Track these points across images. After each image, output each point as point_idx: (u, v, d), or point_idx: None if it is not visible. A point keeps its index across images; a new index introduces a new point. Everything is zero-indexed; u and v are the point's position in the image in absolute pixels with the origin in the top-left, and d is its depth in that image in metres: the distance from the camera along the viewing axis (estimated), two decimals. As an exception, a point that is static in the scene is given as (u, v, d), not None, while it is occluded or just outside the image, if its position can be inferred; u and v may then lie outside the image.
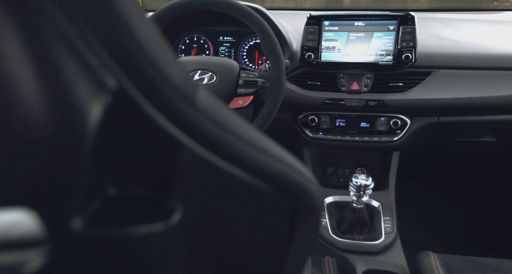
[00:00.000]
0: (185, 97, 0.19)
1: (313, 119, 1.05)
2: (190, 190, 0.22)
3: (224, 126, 0.21)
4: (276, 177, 0.24)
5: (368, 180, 0.87)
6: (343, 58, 1.00)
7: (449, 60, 1.00)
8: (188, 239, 0.23)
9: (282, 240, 0.26)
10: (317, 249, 0.91)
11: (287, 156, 0.26)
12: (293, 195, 0.25)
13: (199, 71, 0.86)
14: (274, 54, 0.84)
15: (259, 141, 0.24)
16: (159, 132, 0.19)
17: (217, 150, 0.21)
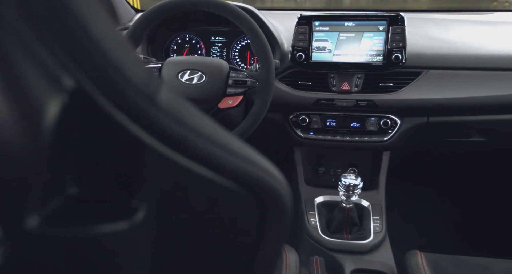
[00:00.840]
0: (146, 96, 0.20)
1: (304, 119, 1.05)
2: (156, 189, 0.22)
3: (188, 125, 0.21)
4: (245, 177, 0.24)
5: (357, 180, 0.87)
6: (334, 58, 1.01)
7: (439, 60, 1.01)
8: (154, 238, 0.23)
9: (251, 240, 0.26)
10: (306, 248, 0.91)
11: (256, 157, 0.26)
12: (262, 195, 0.25)
13: (189, 71, 0.86)
14: (263, 54, 0.85)
15: (227, 141, 0.24)
16: (121, 131, 0.19)
17: (182, 149, 0.21)
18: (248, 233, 0.26)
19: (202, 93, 0.85)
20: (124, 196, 0.21)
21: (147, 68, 0.22)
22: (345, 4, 10.36)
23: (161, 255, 0.24)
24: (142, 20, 0.85)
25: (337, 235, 0.91)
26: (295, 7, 7.51)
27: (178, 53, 1.20)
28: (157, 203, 0.22)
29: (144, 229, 0.22)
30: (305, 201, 1.01)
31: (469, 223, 1.42)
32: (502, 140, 1.06)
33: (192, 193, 0.23)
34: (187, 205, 0.23)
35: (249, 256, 0.27)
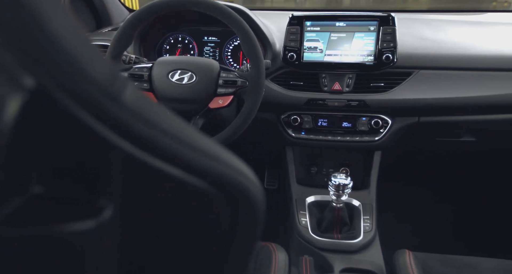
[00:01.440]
0: (110, 95, 0.20)
1: (295, 119, 1.06)
2: (123, 188, 0.22)
3: (154, 124, 0.21)
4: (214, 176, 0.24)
5: (347, 180, 0.88)
6: (325, 58, 1.01)
7: (429, 60, 1.01)
8: (122, 237, 0.23)
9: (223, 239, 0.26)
10: (297, 248, 0.91)
11: (227, 156, 0.26)
12: (233, 194, 0.25)
13: (179, 71, 0.86)
14: (253, 54, 0.85)
15: (195, 140, 0.24)
16: (84, 130, 0.19)
17: (148, 148, 0.21)
18: (220, 232, 0.26)
19: (192, 93, 0.85)
20: (90, 195, 0.21)
21: (112, 68, 0.22)
22: (345, 4, 10.35)
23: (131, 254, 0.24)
24: (132, 20, 0.86)
25: (327, 234, 0.91)
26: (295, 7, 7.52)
27: (171, 53, 1.20)
28: (124, 202, 0.22)
29: (111, 228, 0.22)
30: (296, 201, 1.02)
31: (462, 222, 1.43)
32: (493, 140, 1.07)
33: (161, 192, 0.23)
34: (156, 203, 0.24)
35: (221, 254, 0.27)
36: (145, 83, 0.87)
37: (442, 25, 1.17)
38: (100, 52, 0.21)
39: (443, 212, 1.45)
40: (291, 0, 10.19)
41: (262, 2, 8.97)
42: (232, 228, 0.26)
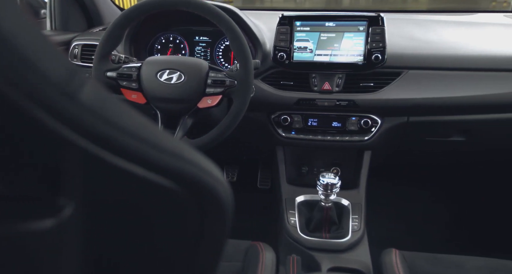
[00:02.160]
0: (66, 93, 0.20)
1: (285, 119, 1.06)
2: (83, 186, 0.22)
3: (113, 122, 0.22)
4: (179, 175, 0.24)
5: (335, 179, 0.88)
6: (315, 58, 1.02)
7: (418, 60, 1.02)
8: (84, 236, 0.23)
9: (191, 238, 0.27)
10: (286, 247, 0.92)
11: (194, 156, 0.26)
12: (199, 194, 0.26)
13: (168, 71, 0.86)
14: (241, 54, 0.85)
15: (159, 139, 0.24)
16: (41, 129, 0.20)
17: (108, 146, 0.21)
18: (188, 231, 0.27)
19: (181, 92, 0.85)
20: (50, 194, 0.21)
21: (71, 66, 0.22)
22: (345, 4, 10.36)
23: (94, 253, 0.24)
24: (121, 19, 0.86)
25: (316, 234, 0.92)
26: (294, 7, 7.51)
27: (162, 53, 1.20)
28: (86, 201, 0.22)
29: (72, 227, 0.22)
30: (286, 201, 1.02)
31: (455, 222, 1.43)
32: (482, 139, 1.08)
33: (123, 190, 0.23)
34: (119, 202, 0.24)
35: (189, 253, 0.27)
36: (134, 83, 0.87)
37: (433, 25, 1.17)
38: (58, 50, 0.21)
39: (435, 211, 1.46)
40: (291, 0, 10.17)
41: (261, 2, 8.96)
42: (200, 227, 0.26)
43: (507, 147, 1.13)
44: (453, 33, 1.13)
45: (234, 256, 0.82)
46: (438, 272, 0.77)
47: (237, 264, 0.80)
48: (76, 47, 1.10)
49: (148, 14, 0.86)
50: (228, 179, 1.62)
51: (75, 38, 1.11)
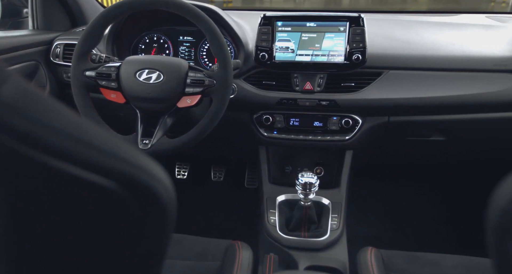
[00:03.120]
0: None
1: (267, 119, 1.06)
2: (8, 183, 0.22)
3: (37, 119, 0.21)
4: (114, 173, 0.25)
5: (314, 178, 0.89)
6: (297, 58, 1.02)
7: (399, 61, 1.03)
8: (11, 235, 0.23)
9: (131, 237, 0.27)
10: (265, 246, 0.92)
11: (132, 155, 0.26)
12: (137, 193, 0.26)
13: (147, 70, 0.86)
14: (221, 54, 0.85)
15: (91, 137, 0.24)
16: None
17: (31, 143, 0.21)
18: (125, 229, 0.27)
19: (159, 92, 0.86)
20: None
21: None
22: (344, 5, 10.37)
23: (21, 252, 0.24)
24: (100, 19, 0.86)
25: (295, 232, 0.92)
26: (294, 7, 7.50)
27: (146, 53, 1.20)
28: (12, 198, 0.23)
29: None
30: (267, 200, 1.03)
31: (439, 221, 1.44)
32: (461, 139, 1.09)
33: (54, 188, 0.24)
34: (50, 199, 0.24)
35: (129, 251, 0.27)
36: (113, 82, 0.87)
37: (415, 26, 1.18)
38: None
39: (420, 210, 1.47)
40: (290, 1, 10.16)
41: (261, 2, 8.94)
42: (140, 225, 0.27)
43: (486, 147, 1.14)
44: (434, 34, 1.14)
45: (214, 255, 0.83)
46: (414, 270, 0.78)
47: (216, 263, 0.81)
48: (58, 47, 1.10)
49: (127, 13, 0.86)
50: (215, 178, 1.62)
51: (57, 38, 1.11)
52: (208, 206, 1.53)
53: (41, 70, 1.08)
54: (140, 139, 0.86)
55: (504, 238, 0.27)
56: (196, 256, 0.84)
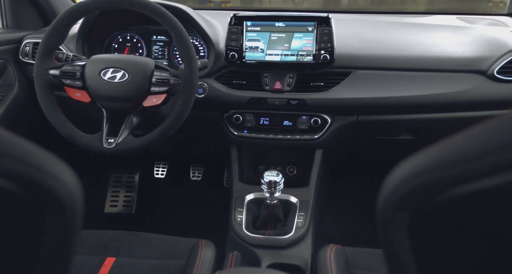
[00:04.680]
0: None
1: (237, 118, 1.07)
2: None
3: None
4: (13, 176, 0.25)
5: (278, 177, 0.89)
6: (266, 58, 1.03)
7: (367, 61, 1.04)
8: None
9: (32, 238, 0.27)
10: (232, 244, 0.93)
11: (35, 157, 0.27)
12: (36, 194, 0.26)
13: (111, 69, 0.86)
14: (185, 53, 0.86)
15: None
16: None
17: None
18: (26, 231, 0.27)
19: (124, 91, 0.86)
20: None
21: None
22: (343, 5, 10.40)
23: None
24: (65, 17, 0.86)
25: (261, 231, 0.93)
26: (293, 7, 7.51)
27: (120, 52, 1.20)
28: None
29: None
30: (236, 199, 1.03)
31: None
32: (429, 138, 1.10)
33: None
34: None
35: (31, 252, 0.27)
36: (78, 81, 0.87)
37: (385, 26, 1.20)
38: None
39: None
40: (289, 1, 10.17)
41: (260, 2, 8.94)
42: (40, 226, 0.27)
43: None
44: (404, 34, 1.16)
45: (180, 254, 0.83)
46: (376, 266, 0.79)
47: (181, 261, 0.81)
48: (27, 45, 1.10)
49: (92, 12, 0.86)
50: (193, 178, 1.62)
51: (26, 36, 1.10)
52: (186, 205, 1.53)
53: (9, 69, 1.08)
54: (105, 138, 0.86)
55: (388, 229, 0.28)
56: (162, 255, 0.84)
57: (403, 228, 0.26)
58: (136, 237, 0.90)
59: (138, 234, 0.91)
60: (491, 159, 0.22)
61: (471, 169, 0.23)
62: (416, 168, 0.26)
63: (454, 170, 0.24)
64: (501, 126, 0.23)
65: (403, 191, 0.26)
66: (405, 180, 0.26)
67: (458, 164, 0.24)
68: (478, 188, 0.22)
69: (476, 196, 0.23)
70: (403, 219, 0.26)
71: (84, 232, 0.93)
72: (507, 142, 0.22)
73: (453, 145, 0.25)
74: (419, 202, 0.25)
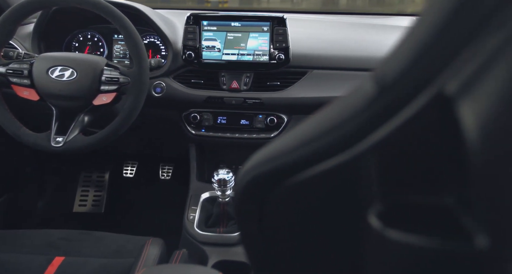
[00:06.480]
0: None
1: (195, 117, 1.07)
2: None
3: None
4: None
5: (228, 175, 0.90)
6: (223, 57, 1.04)
7: (322, 60, 1.05)
8: None
9: None
10: (184, 242, 0.93)
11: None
12: None
13: (60, 67, 0.86)
14: (135, 52, 0.86)
15: None
16: None
17: None
18: None
19: (73, 89, 0.86)
20: None
21: None
22: (342, 6, 10.44)
23: None
24: (11, 15, 0.85)
25: (212, 229, 0.94)
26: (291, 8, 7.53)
27: (80, 51, 1.20)
28: None
29: None
30: (191, 197, 1.04)
31: None
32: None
33: None
34: None
35: None
36: (25, 79, 0.86)
37: (345, 27, 1.21)
38: None
39: None
40: (288, 1, 10.19)
41: (259, 2, 8.95)
42: None
43: None
44: (363, 35, 1.17)
45: (130, 252, 0.83)
46: None
47: (130, 260, 0.81)
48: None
49: (40, 10, 0.86)
50: (163, 177, 1.62)
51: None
52: (154, 205, 1.53)
53: None
54: (53, 137, 0.86)
55: (241, 220, 0.29)
56: (112, 254, 0.84)
57: (253, 219, 0.27)
58: (88, 236, 0.90)
59: (91, 233, 0.91)
60: (319, 144, 0.23)
61: (311, 153, 0.24)
62: (259, 158, 0.27)
63: (293, 156, 0.25)
64: (331, 109, 0.24)
65: (247, 181, 0.27)
66: (249, 170, 0.27)
67: (299, 149, 0.25)
68: (317, 172, 0.23)
69: (317, 179, 0.24)
70: (252, 210, 0.27)
71: (34, 231, 0.93)
72: (330, 127, 0.23)
73: (293, 132, 0.26)
74: (263, 192, 0.26)
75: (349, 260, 0.24)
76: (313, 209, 0.25)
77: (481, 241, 0.17)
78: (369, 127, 0.21)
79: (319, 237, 0.25)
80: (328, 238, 0.25)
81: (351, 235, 0.23)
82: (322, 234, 0.25)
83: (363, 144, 0.21)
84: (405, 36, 0.21)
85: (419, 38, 0.20)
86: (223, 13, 1.03)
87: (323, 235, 0.25)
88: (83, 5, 0.85)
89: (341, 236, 0.24)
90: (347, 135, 0.22)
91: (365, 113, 0.21)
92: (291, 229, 0.26)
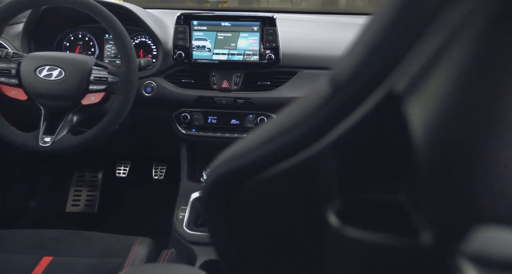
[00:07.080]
0: None
1: (185, 116, 1.07)
2: None
3: None
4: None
5: (217, 175, 0.90)
6: (214, 57, 1.04)
7: (312, 60, 1.06)
8: None
9: None
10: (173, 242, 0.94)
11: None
12: None
13: (48, 67, 0.86)
14: (124, 52, 0.86)
15: None
16: None
17: None
18: None
19: (61, 89, 0.86)
20: None
21: None
22: (341, 6, 10.43)
23: None
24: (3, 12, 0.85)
25: (201, 228, 0.94)
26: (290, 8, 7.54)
27: (71, 51, 1.19)
28: None
29: None
30: (181, 197, 1.04)
31: None
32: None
33: None
34: None
35: None
36: (13, 79, 0.86)
37: (336, 27, 1.22)
38: None
39: None
40: (288, 1, 10.19)
41: (258, 2, 8.95)
42: None
43: None
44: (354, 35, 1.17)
45: (119, 252, 0.83)
46: None
47: (118, 259, 0.81)
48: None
49: (27, 10, 0.86)
50: (156, 176, 1.62)
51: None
52: (147, 204, 1.53)
53: None
54: (41, 137, 0.86)
55: (212, 221, 0.29)
56: (101, 253, 0.84)
57: (220, 218, 0.27)
58: (77, 236, 0.90)
59: (80, 232, 0.91)
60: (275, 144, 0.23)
61: (273, 152, 0.24)
62: (224, 157, 0.27)
63: (255, 155, 0.25)
64: (292, 108, 0.24)
65: (212, 179, 0.27)
66: (214, 169, 0.27)
67: (261, 148, 0.25)
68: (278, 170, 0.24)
69: (280, 177, 0.24)
70: (219, 209, 0.27)
71: (24, 231, 0.93)
72: (290, 126, 0.23)
73: (257, 131, 0.26)
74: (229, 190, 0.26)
75: (312, 258, 0.25)
76: (277, 208, 0.25)
77: (426, 237, 0.18)
78: (326, 126, 0.21)
79: (283, 235, 0.25)
80: (292, 236, 0.25)
81: (313, 233, 0.24)
82: (286, 233, 0.25)
83: (322, 142, 0.22)
84: (357, 37, 0.22)
85: (369, 39, 0.20)
86: (213, 13, 1.03)
87: (287, 233, 0.25)
88: (71, 4, 0.85)
89: (304, 234, 0.24)
90: (305, 133, 0.22)
91: (322, 112, 0.22)
92: (257, 227, 0.26)
